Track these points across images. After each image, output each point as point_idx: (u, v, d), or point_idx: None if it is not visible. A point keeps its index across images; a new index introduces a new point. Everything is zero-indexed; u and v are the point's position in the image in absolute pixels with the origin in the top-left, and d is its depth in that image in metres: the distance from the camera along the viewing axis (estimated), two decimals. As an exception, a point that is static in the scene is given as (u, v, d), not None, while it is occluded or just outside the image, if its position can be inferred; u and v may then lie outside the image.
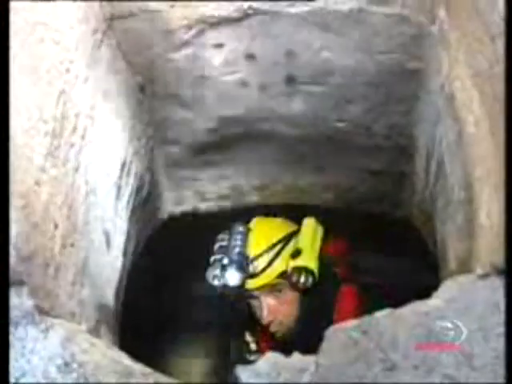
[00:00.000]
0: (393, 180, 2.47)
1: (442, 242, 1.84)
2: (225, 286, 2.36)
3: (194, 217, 2.75)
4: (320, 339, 1.16)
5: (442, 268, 1.82)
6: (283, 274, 2.35)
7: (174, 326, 3.15)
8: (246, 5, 1.80)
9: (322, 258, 2.36)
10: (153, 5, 1.79)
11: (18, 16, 1.32)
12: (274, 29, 1.88)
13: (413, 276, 2.45)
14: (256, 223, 2.48)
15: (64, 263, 1.44)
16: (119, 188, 1.90)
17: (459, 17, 1.60)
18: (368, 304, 2.34)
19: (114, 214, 1.86)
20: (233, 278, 2.31)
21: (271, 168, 2.55)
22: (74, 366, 1.22)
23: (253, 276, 2.34)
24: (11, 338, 1.18)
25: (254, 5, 1.80)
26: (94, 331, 1.60)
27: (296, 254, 2.32)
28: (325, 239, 2.43)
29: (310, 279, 2.32)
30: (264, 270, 2.35)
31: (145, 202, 2.21)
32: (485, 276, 1.14)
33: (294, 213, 2.80)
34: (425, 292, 1.22)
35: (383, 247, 2.57)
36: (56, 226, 1.41)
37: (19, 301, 1.21)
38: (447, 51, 1.70)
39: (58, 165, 1.44)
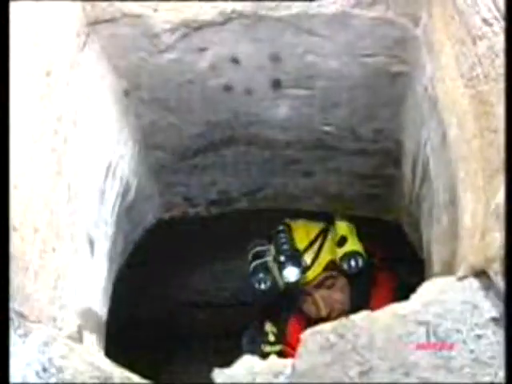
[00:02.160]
0: (381, 184, 2.47)
1: (427, 244, 1.84)
2: (273, 287, 2.45)
3: (182, 222, 2.74)
4: None
5: (427, 271, 1.82)
6: (330, 264, 2.42)
7: (161, 332, 3.14)
8: (229, 9, 1.79)
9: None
10: (136, 9, 1.79)
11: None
12: (257, 33, 1.87)
13: (399, 279, 2.46)
14: (290, 223, 2.55)
15: (44, 268, 1.43)
16: (103, 192, 1.88)
17: (442, 19, 1.60)
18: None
19: (98, 219, 1.85)
20: (292, 273, 2.40)
21: (259, 173, 2.54)
22: (53, 371, 1.21)
23: (303, 271, 2.41)
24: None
25: (238, 8, 1.80)
26: (77, 337, 1.58)
27: (342, 241, 2.42)
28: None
29: (360, 261, 2.39)
30: (313, 262, 2.42)
31: (131, 207, 2.20)
32: (463, 278, 1.14)
33: (284, 218, 2.81)
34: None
35: (372, 251, 2.57)
36: (36, 230, 1.40)
37: (-3, 305, 1.20)
38: (430, 54, 1.70)
39: (38, 169, 1.43)
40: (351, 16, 1.80)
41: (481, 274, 1.12)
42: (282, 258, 2.42)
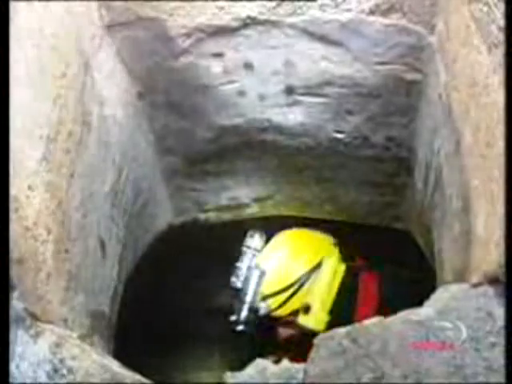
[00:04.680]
0: (393, 192, 2.46)
1: (439, 253, 1.83)
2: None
3: (193, 227, 2.74)
4: None
5: (439, 279, 1.81)
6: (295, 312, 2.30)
7: (170, 337, 3.13)
8: (244, 14, 1.80)
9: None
10: (152, 13, 1.79)
11: (14, 21, 1.33)
12: (272, 39, 1.88)
13: (411, 289, 2.43)
14: (281, 243, 2.39)
15: (57, 269, 1.43)
16: (115, 195, 1.89)
17: (457, 27, 1.60)
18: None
19: (109, 222, 1.85)
20: (245, 317, 2.34)
21: (271, 179, 2.54)
22: (64, 371, 1.21)
23: (270, 311, 2.33)
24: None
25: (252, 14, 1.80)
26: (87, 338, 1.59)
27: (306, 310, 2.28)
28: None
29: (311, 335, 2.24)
30: (277, 308, 2.32)
31: (142, 210, 2.20)
32: (477, 285, 1.13)
33: (295, 225, 2.80)
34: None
35: (383, 260, 2.56)
36: (49, 232, 1.40)
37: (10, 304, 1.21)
38: (445, 61, 1.69)
39: (52, 170, 1.43)
40: (366, 23, 1.80)
41: (495, 281, 1.12)
42: (238, 305, 2.38)
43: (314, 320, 2.28)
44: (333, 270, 2.28)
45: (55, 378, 1.19)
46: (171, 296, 3.10)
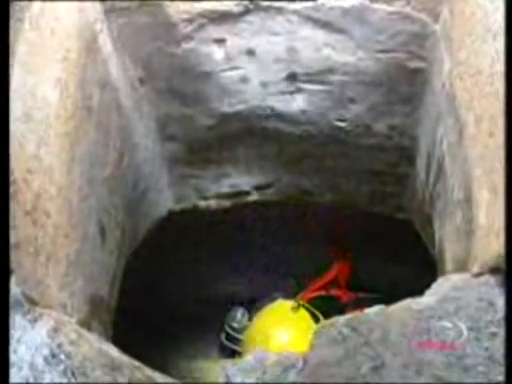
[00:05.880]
0: (394, 181, 2.44)
1: (440, 243, 1.82)
2: None
3: (193, 214, 2.73)
4: None
5: (440, 269, 1.80)
6: None
7: (168, 324, 3.14)
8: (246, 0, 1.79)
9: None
10: (154, -3, 1.78)
11: (15, 4, 1.32)
12: (275, 25, 1.87)
13: (411, 279, 2.43)
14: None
15: (56, 254, 1.43)
16: (115, 181, 1.88)
17: (462, 15, 1.59)
18: None
19: (109, 207, 1.84)
20: None
21: (272, 167, 2.53)
22: (62, 357, 1.20)
23: None
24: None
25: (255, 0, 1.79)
26: (86, 324, 1.58)
27: None
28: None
29: None
30: None
31: (142, 196, 2.19)
32: (479, 275, 1.12)
33: (295, 213, 2.79)
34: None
35: (384, 250, 2.55)
36: (48, 216, 1.39)
37: (8, 289, 1.20)
38: (449, 50, 1.68)
39: (51, 154, 1.42)
40: (369, 10, 1.79)
41: (496, 271, 1.11)
42: None
43: None
44: None
45: (53, 362, 1.18)
46: (170, 282, 3.10)
